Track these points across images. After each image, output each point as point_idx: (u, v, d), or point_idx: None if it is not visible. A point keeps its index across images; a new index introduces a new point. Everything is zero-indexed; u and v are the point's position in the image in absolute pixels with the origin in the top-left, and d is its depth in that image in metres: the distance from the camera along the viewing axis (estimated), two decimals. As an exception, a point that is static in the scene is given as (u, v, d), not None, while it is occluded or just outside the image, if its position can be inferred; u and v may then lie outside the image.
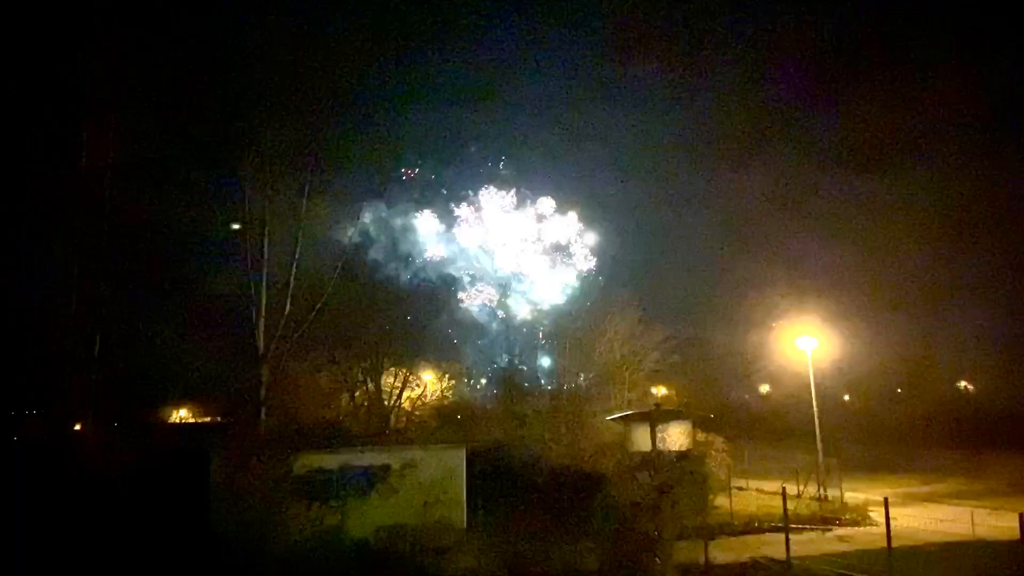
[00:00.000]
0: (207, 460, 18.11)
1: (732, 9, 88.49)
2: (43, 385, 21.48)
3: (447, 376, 31.40)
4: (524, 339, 37.58)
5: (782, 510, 18.05)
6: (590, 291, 38.34)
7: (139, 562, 14.99)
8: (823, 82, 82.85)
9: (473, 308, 38.28)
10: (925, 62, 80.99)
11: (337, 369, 26.80)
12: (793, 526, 18.60)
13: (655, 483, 12.66)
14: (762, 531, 20.88)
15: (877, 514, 20.71)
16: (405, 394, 28.57)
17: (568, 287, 39.61)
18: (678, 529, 17.07)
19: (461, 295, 38.51)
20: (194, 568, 15.18)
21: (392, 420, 27.77)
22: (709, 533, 18.38)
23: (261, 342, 21.54)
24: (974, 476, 31.02)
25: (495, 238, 39.24)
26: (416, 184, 38.09)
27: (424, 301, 33.84)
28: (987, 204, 66.29)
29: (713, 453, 24.73)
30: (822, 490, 25.95)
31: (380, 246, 31.85)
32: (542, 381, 35.00)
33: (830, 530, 21.58)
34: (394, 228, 34.96)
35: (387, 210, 34.69)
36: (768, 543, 19.22)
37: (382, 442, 23.21)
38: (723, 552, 18.10)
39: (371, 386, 28.13)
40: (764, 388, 62.14)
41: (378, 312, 28.29)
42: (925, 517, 19.84)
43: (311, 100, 22.15)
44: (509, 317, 38.48)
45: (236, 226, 21.80)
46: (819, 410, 28.54)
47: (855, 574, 16.39)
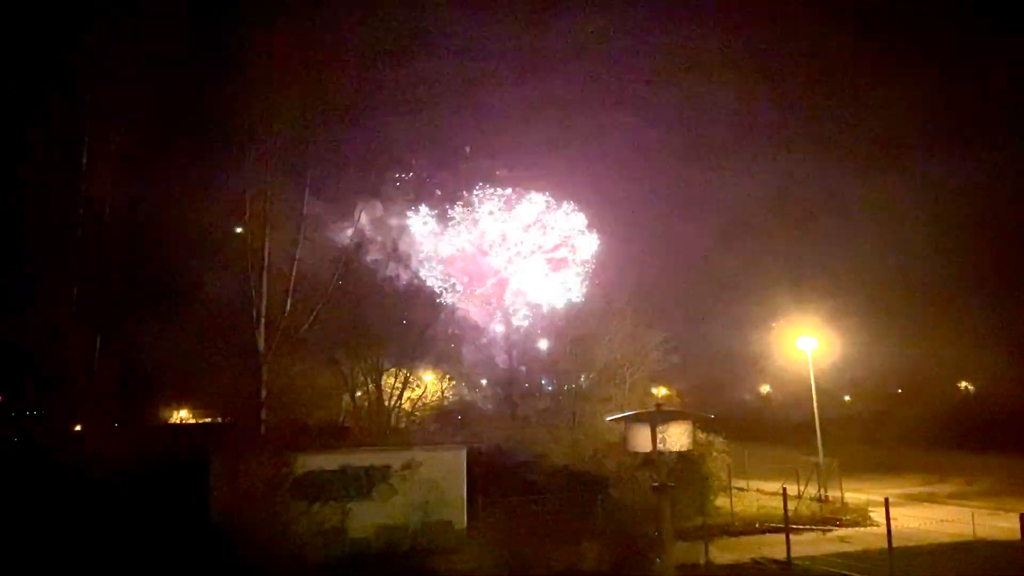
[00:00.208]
0: (207, 461, 18.13)
1: (733, 9, 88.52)
2: (43, 385, 21.45)
3: (447, 377, 31.39)
4: (524, 339, 37.63)
5: (783, 510, 18.04)
6: (590, 291, 38.37)
7: (139, 562, 14.99)
8: (824, 82, 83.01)
9: (472, 308, 38.29)
10: (926, 62, 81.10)
11: (337, 370, 26.77)
12: (794, 527, 18.59)
13: (655, 483, 12.61)
14: (763, 532, 20.88)
15: (878, 514, 20.70)
16: (406, 395, 28.51)
17: (568, 287, 39.64)
18: (678, 529, 17.09)
19: (461, 296, 38.56)
20: (194, 568, 15.17)
21: (392, 421, 27.72)
22: (710, 533, 18.39)
23: (261, 342, 21.51)
24: (975, 476, 31.01)
25: (493, 238, 39.26)
26: (412, 185, 38.10)
27: (423, 302, 33.83)
28: (987, 204, 66.35)
29: (714, 454, 24.69)
30: (823, 491, 25.93)
31: (379, 247, 31.79)
32: (542, 381, 35.01)
33: (831, 531, 21.56)
34: (393, 229, 34.91)
35: (385, 211, 34.69)
36: (769, 543, 19.21)
37: (382, 443, 23.22)
38: (724, 552, 18.12)
39: (371, 387, 28.07)
40: (764, 388, 62.27)
41: (378, 313, 28.26)
42: (926, 517, 19.83)
43: (311, 100, 22.15)
44: (509, 317, 38.53)
45: (239, 229, 21.79)
46: (819, 410, 28.55)
47: (856, 575, 16.38)
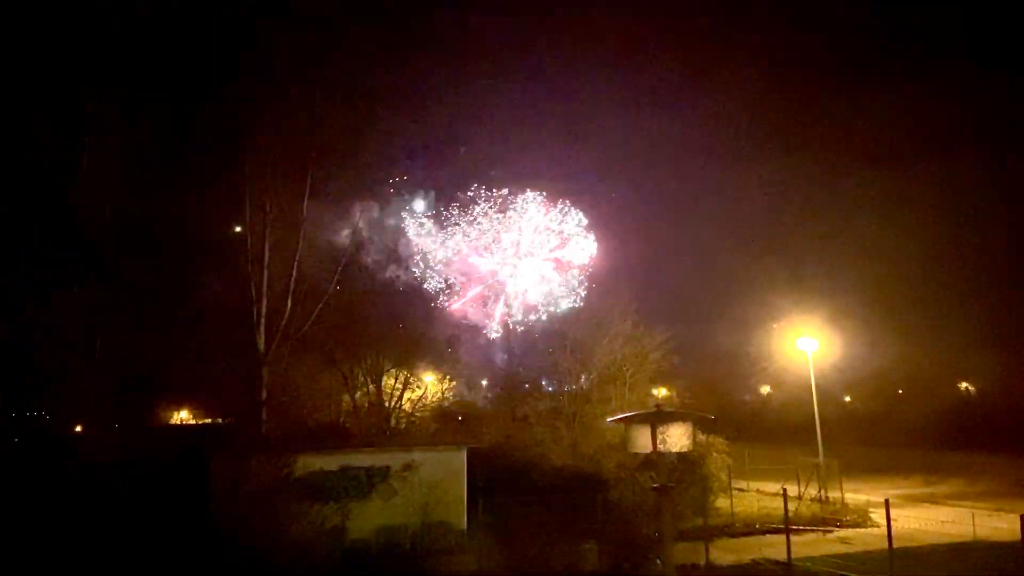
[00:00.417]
0: (207, 462, 18.13)
1: (734, 9, 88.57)
2: (44, 386, 21.45)
3: (447, 378, 31.41)
4: (524, 340, 37.65)
5: (783, 511, 18.02)
6: (590, 292, 38.40)
7: (140, 562, 14.99)
8: (826, 83, 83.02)
9: (471, 309, 38.32)
10: (927, 63, 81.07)
11: (337, 370, 26.79)
12: (794, 527, 18.59)
13: (655, 484, 12.59)
14: (763, 532, 20.88)
15: (878, 515, 20.70)
16: (406, 395, 28.54)
17: (568, 288, 39.65)
18: (679, 530, 17.11)
19: (460, 297, 38.57)
20: (195, 569, 15.17)
21: (393, 421, 27.73)
22: (710, 534, 18.41)
23: (262, 343, 21.53)
24: (975, 477, 31.02)
25: (492, 239, 39.28)
26: (412, 186, 38.15)
27: (423, 302, 33.86)
28: (988, 204, 66.38)
29: (714, 454, 24.69)
30: (823, 491, 25.91)
31: (379, 248, 31.85)
32: (542, 382, 35.00)
33: (831, 531, 21.56)
34: (392, 231, 34.99)
35: (385, 213, 34.73)
36: (769, 544, 19.22)
37: (383, 443, 23.19)
38: (724, 553, 18.12)
39: (372, 387, 28.10)
40: (765, 389, 62.24)
41: (378, 314, 28.29)
42: (926, 518, 19.82)
43: (311, 102, 22.19)
44: (508, 318, 38.54)
45: (238, 228, 21.82)
46: (820, 411, 28.54)
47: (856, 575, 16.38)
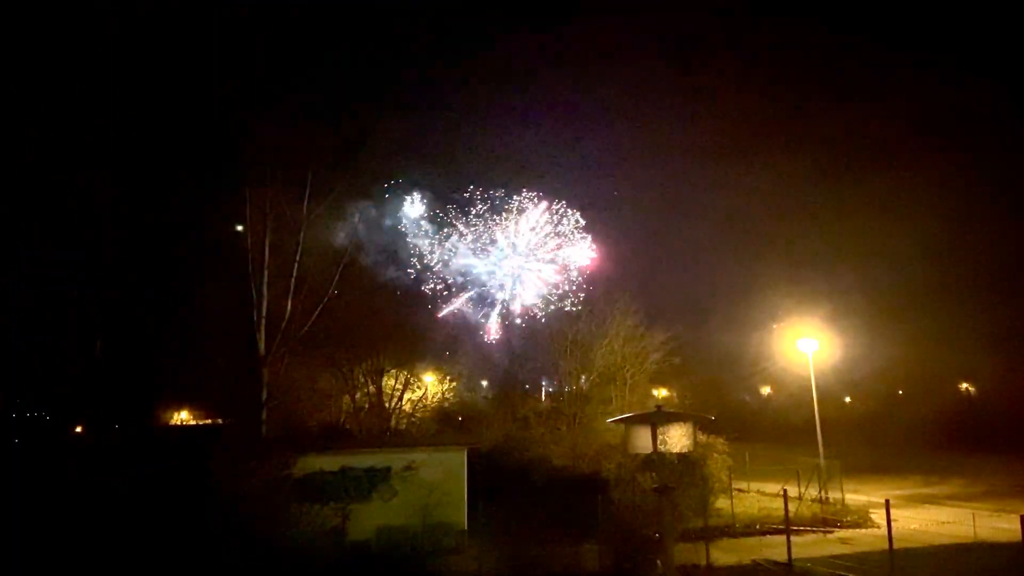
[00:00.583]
0: (208, 462, 18.12)
1: (734, 9, 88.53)
2: (44, 387, 21.48)
3: (448, 378, 31.41)
4: (524, 341, 37.67)
5: (783, 512, 18.02)
6: (590, 292, 38.42)
7: (140, 564, 14.99)
8: (826, 83, 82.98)
9: (469, 310, 38.36)
10: (927, 63, 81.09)
11: (338, 371, 26.79)
12: (794, 528, 18.57)
13: (656, 485, 12.62)
14: (763, 533, 20.85)
15: (878, 516, 20.69)
16: (406, 396, 28.53)
17: (568, 288, 39.68)
18: (679, 531, 17.09)
19: (461, 297, 38.60)
20: (195, 570, 15.17)
21: (393, 422, 27.72)
22: (710, 535, 18.38)
23: (262, 344, 21.55)
24: (975, 478, 30.99)
25: (490, 240, 39.32)
26: (411, 188, 38.20)
27: (422, 303, 33.89)
28: (988, 204, 66.34)
29: (714, 455, 24.66)
30: (823, 492, 25.89)
31: (379, 249, 31.89)
32: (543, 382, 35.01)
33: (831, 532, 21.53)
34: (392, 232, 35.03)
35: (385, 215, 34.78)
36: (769, 545, 19.20)
37: (383, 444, 23.19)
38: (724, 554, 18.10)
39: (372, 388, 28.09)
40: (765, 390, 62.21)
41: (378, 314, 28.27)
42: (927, 519, 19.82)
43: (312, 104, 22.24)
44: (508, 318, 38.56)
45: (239, 228, 21.86)
46: (820, 412, 28.53)
47: (856, 576, 16.37)
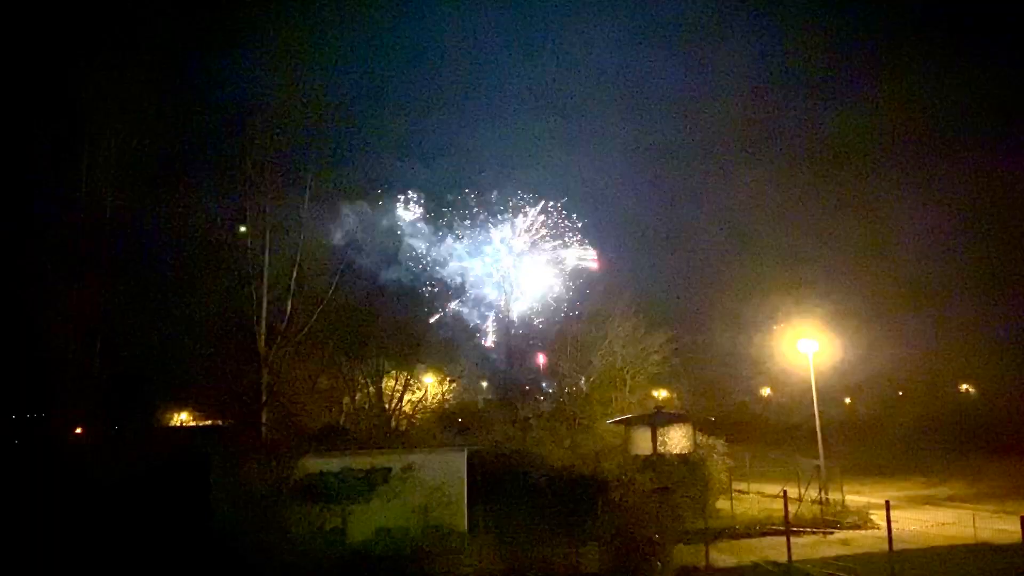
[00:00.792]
0: (208, 463, 18.12)
1: (735, 9, 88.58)
2: (45, 388, 21.48)
3: (448, 379, 31.41)
4: (524, 342, 37.68)
5: (783, 513, 18.01)
6: (590, 294, 38.45)
7: (140, 564, 15.00)
8: (825, 82, 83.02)
9: (468, 311, 38.38)
10: (927, 63, 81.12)
11: (338, 372, 26.79)
12: (794, 529, 18.55)
13: (656, 486, 12.66)
14: (763, 534, 20.82)
15: (879, 517, 20.67)
16: (406, 397, 28.52)
17: (567, 289, 39.70)
18: (679, 532, 17.09)
19: (460, 298, 38.63)
20: (195, 571, 15.17)
21: (393, 423, 27.72)
22: (710, 536, 18.35)
23: (262, 345, 21.56)
24: (976, 479, 30.95)
25: (491, 240, 39.35)
26: (409, 189, 38.23)
27: (422, 304, 33.91)
28: (988, 205, 66.30)
29: (714, 456, 24.70)
30: (823, 493, 25.88)
31: (378, 250, 31.90)
32: (543, 384, 35.04)
33: (832, 533, 21.51)
34: (392, 233, 35.06)
35: (385, 215, 34.81)
36: (769, 546, 19.18)
37: (383, 445, 23.17)
38: (724, 555, 18.09)
39: (372, 389, 28.09)
40: (765, 391, 62.12)
41: (378, 315, 28.29)
42: (927, 520, 19.79)
43: (312, 104, 22.25)
44: (508, 320, 38.57)
45: (243, 228, 21.89)
46: (820, 413, 28.51)
47: (857, 577, 16.35)
